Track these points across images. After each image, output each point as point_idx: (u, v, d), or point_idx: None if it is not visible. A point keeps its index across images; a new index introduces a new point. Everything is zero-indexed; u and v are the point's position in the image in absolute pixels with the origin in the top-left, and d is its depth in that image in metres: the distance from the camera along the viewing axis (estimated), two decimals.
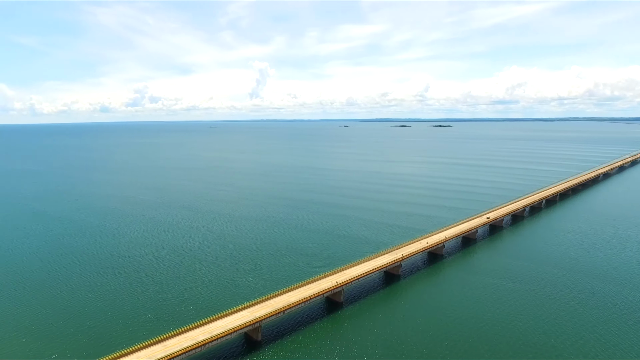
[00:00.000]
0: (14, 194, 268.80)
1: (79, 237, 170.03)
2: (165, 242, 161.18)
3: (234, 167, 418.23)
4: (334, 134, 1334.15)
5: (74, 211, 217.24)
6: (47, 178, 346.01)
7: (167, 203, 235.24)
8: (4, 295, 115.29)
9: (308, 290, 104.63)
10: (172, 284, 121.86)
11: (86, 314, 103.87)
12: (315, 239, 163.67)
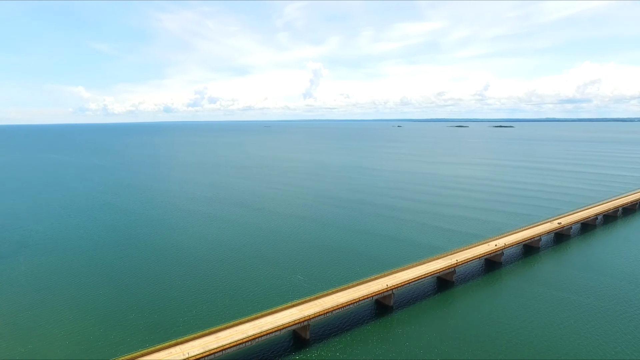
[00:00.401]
0: (88, 187, 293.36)
1: (141, 229, 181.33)
2: (219, 237, 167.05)
3: (286, 166, 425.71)
4: (387, 134, 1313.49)
5: (137, 204, 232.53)
6: (115, 173, 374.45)
7: (222, 200, 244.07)
8: (75, 280, 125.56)
9: (357, 291, 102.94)
10: (225, 278, 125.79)
11: (146, 302, 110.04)
12: (366, 240, 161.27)
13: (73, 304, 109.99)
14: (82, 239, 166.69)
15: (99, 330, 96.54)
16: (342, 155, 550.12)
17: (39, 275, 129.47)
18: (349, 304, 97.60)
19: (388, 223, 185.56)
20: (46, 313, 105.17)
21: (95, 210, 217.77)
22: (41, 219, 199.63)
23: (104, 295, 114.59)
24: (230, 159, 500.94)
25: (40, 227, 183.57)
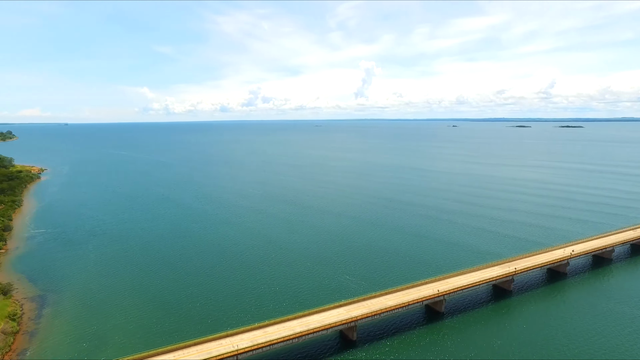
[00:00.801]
0: (149, 182, 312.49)
1: (196, 222, 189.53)
2: (269, 234, 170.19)
3: (335, 165, 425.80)
4: (441, 134, 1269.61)
5: (192, 199, 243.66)
6: (174, 169, 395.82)
7: (272, 197, 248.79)
8: (136, 268, 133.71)
9: (407, 295, 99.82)
10: (274, 274, 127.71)
11: (198, 293, 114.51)
12: (416, 243, 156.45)
13: (133, 291, 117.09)
14: (143, 230, 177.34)
15: (156, 316, 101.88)
16: (393, 155, 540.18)
17: (105, 262, 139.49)
18: (398, 308, 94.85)
19: (440, 226, 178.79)
20: (110, 297, 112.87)
21: (155, 204, 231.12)
22: (109, 210, 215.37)
23: (160, 284, 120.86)
24: (281, 157, 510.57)
25: (107, 218, 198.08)
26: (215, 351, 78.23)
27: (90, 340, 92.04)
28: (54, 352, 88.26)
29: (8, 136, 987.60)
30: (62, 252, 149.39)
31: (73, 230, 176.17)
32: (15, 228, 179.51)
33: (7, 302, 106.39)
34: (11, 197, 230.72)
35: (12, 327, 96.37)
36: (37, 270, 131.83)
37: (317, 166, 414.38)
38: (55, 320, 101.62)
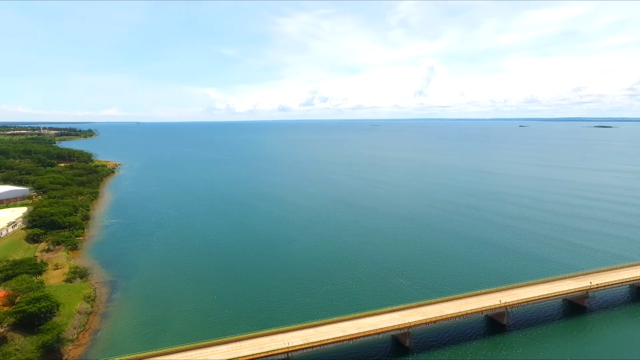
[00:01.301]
0: (209, 178, 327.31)
1: (251, 218, 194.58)
2: (321, 233, 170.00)
3: (393, 165, 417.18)
4: (508, 134, 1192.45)
5: (249, 195, 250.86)
6: (233, 166, 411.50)
7: (327, 196, 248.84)
8: (195, 260, 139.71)
9: (466, 304, 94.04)
10: (326, 273, 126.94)
11: (253, 288, 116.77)
12: (477, 249, 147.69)
13: (193, 281, 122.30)
14: (203, 224, 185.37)
15: (212, 307, 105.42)
16: (454, 156, 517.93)
17: (168, 252, 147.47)
18: (456, 316, 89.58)
19: (505, 233, 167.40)
20: (171, 286, 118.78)
21: (214, 199, 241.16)
22: (172, 203, 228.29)
23: (218, 277, 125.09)
24: (336, 156, 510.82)
25: (171, 211, 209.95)
26: (267, 347, 78.86)
27: (153, 326, 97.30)
28: (121, 334, 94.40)
29: (90, 134, 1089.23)
30: (131, 241, 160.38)
31: (141, 222, 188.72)
32: (93, 218, 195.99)
33: (84, 285, 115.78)
34: (91, 189, 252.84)
35: (87, 308, 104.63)
36: (109, 257, 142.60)
37: (373, 166, 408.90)
38: (124, 304, 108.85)
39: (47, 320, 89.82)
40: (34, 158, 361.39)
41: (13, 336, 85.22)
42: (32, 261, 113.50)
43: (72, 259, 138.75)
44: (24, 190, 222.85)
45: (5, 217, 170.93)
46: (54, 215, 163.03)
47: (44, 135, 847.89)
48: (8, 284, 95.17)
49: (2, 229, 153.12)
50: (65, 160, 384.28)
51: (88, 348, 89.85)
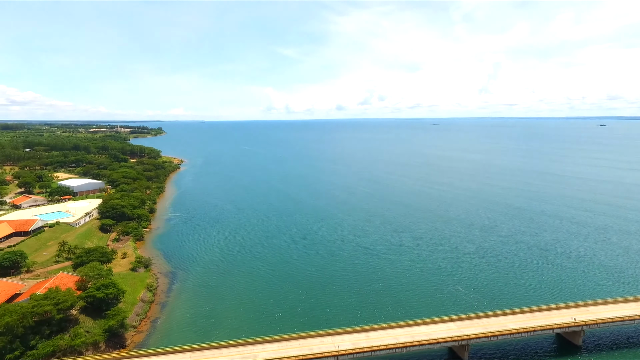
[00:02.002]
0: (267, 175, 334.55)
1: (305, 216, 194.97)
2: (374, 233, 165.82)
3: (451, 165, 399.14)
4: (585, 134, 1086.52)
5: (304, 192, 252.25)
6: (289, 163, 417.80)
7: (381, 196, 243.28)
8: (249, 255, 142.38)
9: (533, 319, 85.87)
10: (377, 275, 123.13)
11: (303, 287, 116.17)
12: (547, 259, 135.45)
13: (246, 276, 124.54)
14: (258, 220, 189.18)
15: (264, 303, 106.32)
16: (520, 157, 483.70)
17: (225, 247, 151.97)
18: (521, 332, 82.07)
19: (579, 242, 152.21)
20: (226, 280, 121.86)
21: (270, 195, 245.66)
22: (230, 199, 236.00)
23: (270, 273, 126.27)
24: (392, 156, 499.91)
25: (229, 206, 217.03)
26: (317, 348, 77.46)
27: (206, 318, 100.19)
28: (177, 324, 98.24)
29: (159, 131, 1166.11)
30: (191, 234, 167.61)
31: (200, 216, 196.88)
32: (158, 211, 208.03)
33: (147, 275, 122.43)
34: (157, 183, 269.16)
35: (149, 297, 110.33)
36: (171, 249, 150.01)
37: (431, 166, 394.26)
38: (181, 295, 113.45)
39: (113, 306, 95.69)
40: (110, 154, 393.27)
41: (84, 319, 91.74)
42: (103, 249, 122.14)
43: (138, 249, 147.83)
44: (100, 183, 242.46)
45: (83, 207, 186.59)
46: (124, 207, 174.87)
47: (120, 133, 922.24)
48: (81, 270, 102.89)
49: (79, 219, 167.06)
50: (137, 156, 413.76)
51: (148, 335, 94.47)
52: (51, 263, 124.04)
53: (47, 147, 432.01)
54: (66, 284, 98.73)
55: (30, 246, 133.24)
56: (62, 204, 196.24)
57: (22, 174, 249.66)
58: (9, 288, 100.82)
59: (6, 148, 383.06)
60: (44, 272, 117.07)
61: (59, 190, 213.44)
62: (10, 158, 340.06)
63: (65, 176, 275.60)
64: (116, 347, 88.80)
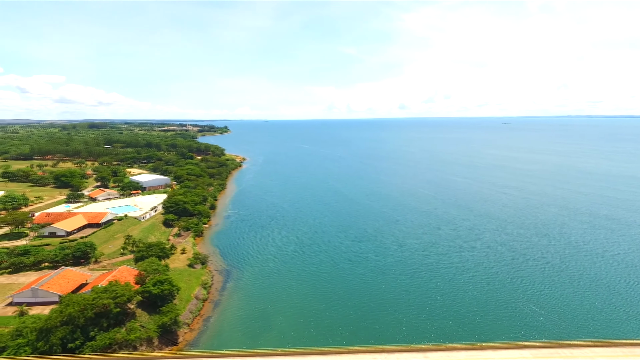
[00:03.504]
0: (324, 174, 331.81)
1: (362, 218, 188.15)
2: (434, 240, 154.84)
3: (523, 168, 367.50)
4: None
5: (361, 194, 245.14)
6: (347, 163, 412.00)
7: (444, 199, 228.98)
8: (300, 256, 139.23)
9: (632, 355, 72.21)
10: (436, 287, 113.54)
11: (356, 294, 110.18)
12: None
13: (299, 279, 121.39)
14: (314, 220, 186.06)
15: (315, 309, 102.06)
16: (605, 160, 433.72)
17: (280, 247, 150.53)
18: None
19: None
20: (279, 282, 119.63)
21: (327, 195, 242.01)
22: (287, 198, 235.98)
23: (323, 278, 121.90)
24: (457, 157, 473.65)
25: (286, 205, 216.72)
26: None
27: (257, 320, 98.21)
28: (228, 324, 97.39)
29: (225, 130, 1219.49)
30: (248, 232, 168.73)
31: (258, 214, 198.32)
32: (218, 207, 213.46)
33: (203, 272, 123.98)
34: (219, 180, 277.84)
35: (203, 295, 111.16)
36: (227, 246, 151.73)
37: (499, 168, 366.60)
38: (234, 294, 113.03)
39: (168, 302, 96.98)
40: (178, 151, 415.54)
41: (140, 313, 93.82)
42: (161, 245, 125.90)
43: (197, 245, 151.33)
44: (167, 179, 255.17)
45: (150, 202, 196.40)
46: (186, 203, 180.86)
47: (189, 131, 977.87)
48: (140, 265, 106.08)
49: (145, 213, 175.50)
50: (202, 154, 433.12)
51: (200, 333, 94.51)
52: (117, 255, 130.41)
53: (124, 144, 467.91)
54: (126, 278, 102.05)
55: (100, 238, 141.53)
56: (132, 198, 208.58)
57: (100, 169, 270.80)
58: (78, 278, 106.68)
59: (90, 145, 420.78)
60: (110, 264, 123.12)
61: (130, 185, 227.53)
62: (92, 154, 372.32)
63: (137, 171, 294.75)
64: (168, 344, 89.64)
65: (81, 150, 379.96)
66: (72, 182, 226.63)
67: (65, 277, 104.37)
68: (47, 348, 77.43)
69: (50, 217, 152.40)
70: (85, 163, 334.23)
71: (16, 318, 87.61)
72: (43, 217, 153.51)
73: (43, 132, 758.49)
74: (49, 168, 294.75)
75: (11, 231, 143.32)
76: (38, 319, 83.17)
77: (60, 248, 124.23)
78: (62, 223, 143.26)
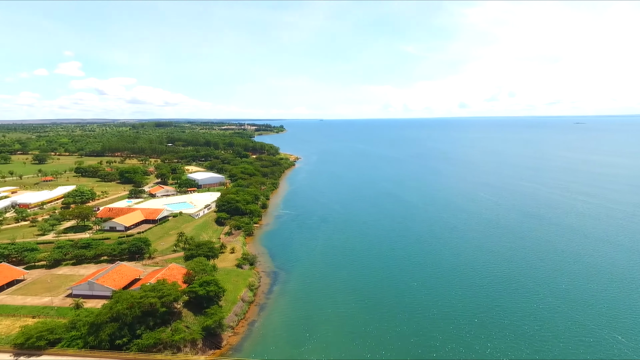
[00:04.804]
0: (377, 174, 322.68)
1: (418, 223, 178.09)
2: (498, 250, 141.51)
3: (600, 172, 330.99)
4: None
5: (416, 197, 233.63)
6: (403, 164, 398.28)
7: (508, 205, 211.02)
8: (352, 259, 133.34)
9: None
10: (498, 301, 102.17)
11: (407, 306, 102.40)
12: None
13: (347, 286, 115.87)
14: (365, 224, 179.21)
15: (361, 318, 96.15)
16: None
17: (329, 250, 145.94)
18: None
19: None
20: (326, 287, 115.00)
21: (380, 198, 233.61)
22: (339, 199, 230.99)
23: (372, 285, 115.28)
24: (523, 159, 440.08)
25: (337, 206, 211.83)
26: None
27: (302, 326, 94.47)
28: (273, 329, 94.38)
29: (280, 129, 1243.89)
30: (298, 233, 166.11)
31: (309, 214, 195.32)
32: (270, 207, 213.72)
33: (250, 273, 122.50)
34: (272, 179, 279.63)
35: (249, 297, 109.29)
36: (276, 247, 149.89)
37: (572, 172, 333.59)
38: (280, 298, 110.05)
39: (213, 303, 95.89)
40: (234, 150, 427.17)
41: (186, 313, 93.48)
42: (210, 245, 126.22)
43: (247, 244, 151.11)
44: (221, 177, 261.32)
45: (204, 199, 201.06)
46: (238, 202, 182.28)
47: (247, 130, 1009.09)
48: (189, 264, 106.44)
49: (199, 210, 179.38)
50: (257, 152, 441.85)
51: (243, 338, 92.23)
52: (169, 252, 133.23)
53: (185, 143, 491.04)
54: (175, 276, 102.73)
55: (155, 234, 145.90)
56: (188, 195, 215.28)
57: (161, 166, 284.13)
58: (131, 273, 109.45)
59: (154, 143, 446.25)
60: (162, 260, 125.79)
61: (187, 182, 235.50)
62: (155, 151, 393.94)
63: (194, 169, 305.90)
64: (212, 347, 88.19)
65: (146, 148, 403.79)
66: (135, 178, 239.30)
67: (119, 272, 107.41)
68: (96, 343, 78.92)
69: (112, 211, 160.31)
70: (149, 160, 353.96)
71: (72, 310, 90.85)
72: (106, 211, 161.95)
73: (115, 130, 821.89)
74: (116, 165, 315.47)
75: (77, 224, 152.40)
76: (91, 313, 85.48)
77: (118, 243, 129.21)
78: (121, 218, 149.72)
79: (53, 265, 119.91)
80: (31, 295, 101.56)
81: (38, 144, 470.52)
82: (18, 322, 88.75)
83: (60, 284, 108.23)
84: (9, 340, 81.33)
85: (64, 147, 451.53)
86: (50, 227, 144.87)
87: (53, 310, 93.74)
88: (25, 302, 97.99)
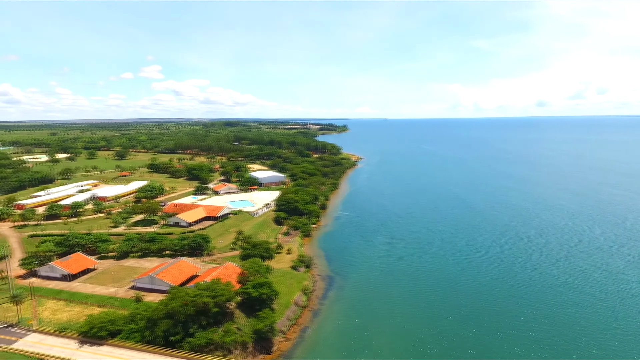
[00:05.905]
0: (444, 178, 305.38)
1: (485, 231, 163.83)
2: (581, 265, 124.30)
3: None
4: None
5: (485, 202, 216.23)
6: (470, 166, 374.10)
7: (592, 215, 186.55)
8: (411, 262, 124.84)
9: None
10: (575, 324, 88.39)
11: (469, 320, 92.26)
12: None
13: (406, 294, 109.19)
14: (428, 229, 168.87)
15: (418, 331, 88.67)
16: None
17: (388, 255, 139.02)
18: None
19: None
20: (383, 295, 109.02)
21: (444, 202, 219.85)
22: (400, 202, 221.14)
23: (433, 295, 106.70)
24: (614, 164, 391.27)
25: (398, 210, 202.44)
26: None
27: (356, 336, 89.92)
28: (325, 337, 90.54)
29: (343, 129, 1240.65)
30: (356, 236, 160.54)
31: (368, 217, 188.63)
32: (329, 207, 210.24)
33: (306, 276, 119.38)
34: (333, 180, 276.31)
35: (303, 302, 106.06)
36: (333, 249, 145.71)
37: None
38: (335, 305, 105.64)
39: (266, 306, 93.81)
40: (296, 149, 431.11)
41: (238, 314, 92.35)
42: (267, 245, 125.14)
43: (304, 245, 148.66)
44: (282, 176, 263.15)
45: (264, 198, 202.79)
46: (297, 202, 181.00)
47: (310, 129, 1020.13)
48: (244, 264, 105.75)
49: (259, 209, 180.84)
50: (319, 152, 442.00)
51: (295, 345, 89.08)
52: (227, 250, 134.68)
53: (250, 141, 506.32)
54: (230, 275, 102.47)
55: (216, 231, 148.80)
56: (249, 193, 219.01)
57: (226, 164, 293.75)
58: (189, 269, 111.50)
59: (221, 141, 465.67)
60: (220, 258, 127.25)
61: (249, 180, 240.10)
62: (222, 149, 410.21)
63: (257, 167, 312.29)
64: (262, 351, 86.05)
65: (213, 146, 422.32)
66: (201, 175, 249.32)
67: (179, 267, 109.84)
68: (152, 338, 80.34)
69: (177, 207, 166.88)
70: (216, 158, 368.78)
71: (133, 303, 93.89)
72: (171, 207, 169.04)
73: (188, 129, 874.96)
74: (186, 162, 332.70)
75: (145, 218, 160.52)
76: (149, 307, 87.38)
77: (180, 238, 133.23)
78: (184, 214, 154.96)
79: (121, 257, 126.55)
80: (100, 285, 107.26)
81: (120, 142, 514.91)
82: (86, 310, 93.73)
83: (126, 275, 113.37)
84: (77, 327, 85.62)
85: (141, 144, 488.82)
86: (122, 220, 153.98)
87: (117, 301, 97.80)
88: (95, 291, 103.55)
